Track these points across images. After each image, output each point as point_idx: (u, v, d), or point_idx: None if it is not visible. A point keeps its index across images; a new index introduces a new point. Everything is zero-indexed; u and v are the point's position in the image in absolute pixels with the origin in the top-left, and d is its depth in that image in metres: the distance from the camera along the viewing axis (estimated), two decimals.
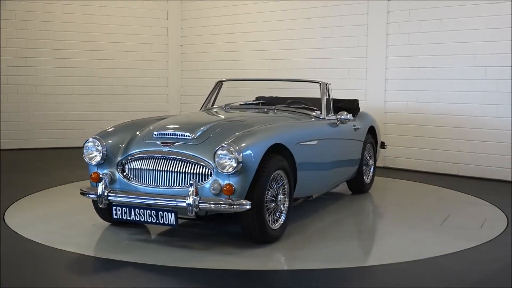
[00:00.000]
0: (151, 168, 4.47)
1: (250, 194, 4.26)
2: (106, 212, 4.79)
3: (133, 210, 4.33)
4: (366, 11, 8.59)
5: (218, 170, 4.21)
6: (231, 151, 4.16)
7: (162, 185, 4.42)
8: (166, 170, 4.41)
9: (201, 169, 4.33)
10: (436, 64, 8.02)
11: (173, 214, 4.21)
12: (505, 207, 5.96)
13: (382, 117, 8.34)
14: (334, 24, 8.94)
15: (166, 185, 4.41)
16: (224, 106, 6.10)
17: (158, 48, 10.99)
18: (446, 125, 8.00)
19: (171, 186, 4.39)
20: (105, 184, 4.47)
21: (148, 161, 4.51)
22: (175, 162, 4.41)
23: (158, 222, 4.27)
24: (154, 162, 4.48)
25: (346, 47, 8.84)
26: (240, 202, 4.16)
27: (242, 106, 6.32)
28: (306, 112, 5.83)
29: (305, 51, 9.29)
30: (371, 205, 6.40)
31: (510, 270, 4.09)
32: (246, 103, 6.60)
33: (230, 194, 4.17)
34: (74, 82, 10.45)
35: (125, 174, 4.60)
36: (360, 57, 8.70)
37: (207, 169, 4.31)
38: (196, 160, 4.35)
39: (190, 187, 4.15)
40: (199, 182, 4.29)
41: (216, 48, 10.52)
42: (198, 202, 4.13)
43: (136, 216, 4.33)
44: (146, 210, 4.29)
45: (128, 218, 4.36)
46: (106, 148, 4.66)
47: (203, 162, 4.32)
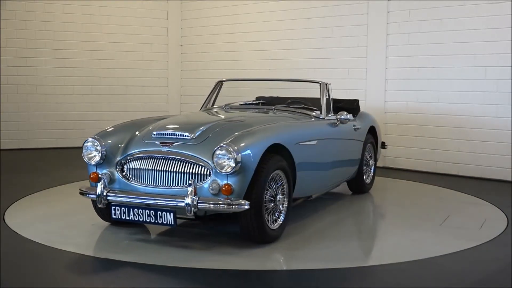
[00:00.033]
0: (150, 168, 4.46)
1: (249, 194, 4.26)
2: (106, 212, 4.79)
3: (132, 210, 4.33)
4: (366, 11, 8.58)
5: (217, 170, 4.21)
6: (230, 151, 4.16)
7: (161, 185, 4.42)
8: (165, 170, 4.41)
9: (200, 169, 4.33)
10: (436, 64, 8.02)
11: (171, 214, 4.21)
12: (505, 207, 5.95)
13: (382, 117, 8.33)
14: (334, 24, 8.94)
15: (165, 185, 4.40)
16: (224, 106, 6.09)
17: (158, 48, 10.99)
18: (446, 125, 8.00)
19: (170, 186, 4.38)
20: (104, 184, 4.46)
21: (147, 161, 4.51)
22: (174, 162, 4.41)
23: (156, 222, 4.27)
24: (153, 162, 4.47)
25: (346, 47, 8.84)
26: (238, 202, 4.16)
27: (242, 106, 6.32)
28: (306, 112, 5.83)
29: (305, 51, 9.29)
30: (371, 205, 6.39)
31: (510, 270, 4.09)
32: (246, 103, 6.60)
33: (228, 194, 4.17)
34: (74, 82, 10.45)
35: (124, 174, 4.60)
36: (360, 57, 8.70)
37: (206, 169, 4.30)
38: (195, 160, 4.35)
39: (188, 187, 4.15)
40: (198, 182, 4.29)
41: (216, 48, 10.52)
42: (197, 202, 4.12)
43: (135, 216, 4.33)
44: (145, 210, 4.29)
45: (127, 218, 4.36)
46: (105, 148, 4.66)
47: (202, 162, 4.32)
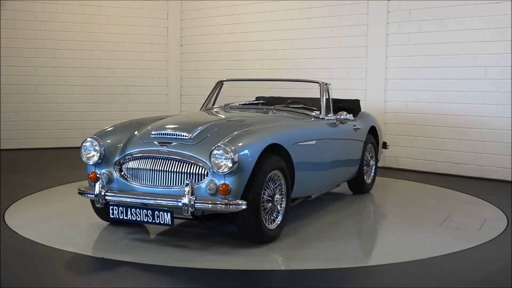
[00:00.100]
0: (148, 168, 4.46)
1: (246, 194, 4.25)
2: (104, 211, 4.79)
3: (129, 209, 4.34)
4: (366, 11, 8.58)
5: (214, 170, 4.20)
6: (227, 151, 4.16)
7: (159, 185, 4.42)
8: (163, 170, 4.41)
9: (197, 169, 4.32)
10: (436, 64, 8.02)
11: (169, 214, 4.21)
12: (505, 207, 5.95)
13: (382, 117, 8.33)
14: (334, 24, 8.94)
15: (163, 185, 4.40)
16: (224, 106, 6.09)
17: (158, 48, 10.98)
18: (446, 125, 8.00)
19: (168, 186, 4.38)
20: (102, 183, 4.47)
21: (145, 160, 4.50)
22: (172, 162, 4.41)
23: (154, 221, 4.28)
24: (151, 162, 4.47)
25: (346, 47, 8.84)
26: (236, 202, 4.16)
27: (242, 106, 6.32)
28: (305, 112, 5.82)
29: (305, 51, 9.29)
30: (371, 205, 6.39)
31: (510, 270, 4.08)
32: (246, 103, 6.59)
33: (226, 194, 4.17)
34: (74, 82, 10.45)
35: (122, 173, 4.59)
36: (360, 57, 8.70)
37: (204, 169, 4.30)
38: (192, 160, 4.35)
39: (186, 187, 4.15)
40: (196, 182, 4.29)
41: (216, 48, 10.52)
42: (194, 202, 4.12)
43: (132, 215, 4.33)
44: (142, 210, 4.30)
45: (124, 217, 4.37)
46: (104, 147, 4.66)
47: (200, 162, 4.32)
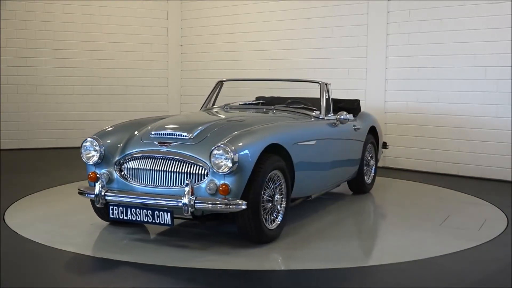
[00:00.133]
0: (148, 168, 4.46)
1: (246, 194, 4.25)
2: (104, 211, 4.78)
3: (129, 209, 4.34)
4: (366, 11, 8.58)
5: (214, 170, 4.20)
6: (227, 151, 4.16)
7: (159, 185, 4.42)
8: (163, 170, 4.41)
9: (197, 169, 4.32)
10: (436, 64, 8.02)
11: (169, 214, 4.21)
12: (505, 207, 5.95)
13: (382, 117, 8.33)
14: (334, 24, 8.94)
15: (163, 185, 4.40)
16: (224, 106, 6.09)
17: (158, 48, 10.98)
18: (446, 125, 8.00)
19: (168, 186, 4.38)
20: (102, 183, 4.47)
21: (145, 160, 4.50)
22: (172, 162, 4.41)
23: (154, 221, 4.28)
24: (151, 162, 4.47)
25: (346, 47, 8.84)
26: (235, 202, 4.15)
27: (242, 106, 6.32)
28: (305, 112, 5.82)
29: (305, 51, 9.29)
30: (371, 205, 6.39)
31: (510, 270, 4.08)
32: (246, 103, 6.59)
33: (225, 194, 4.17)
34: (74, 82, 10.44)
35: (122, 173, 4.59)
36: (360, 57, 8.69)
37: (204, 169, 4.30)
38: (192, 160, 4.35)
39: (186, 187, 4.15)
40: (196, 182, 4.29)
41: (216, 48, 10.52)
42: (194, 202, 4.12)
43: (132, 215, 4.33)
44: (142, 210, 4.30)
45: (124, 217, 4.37)
46: (104, 147, 4.66)
47: (200, 162, 4.32)
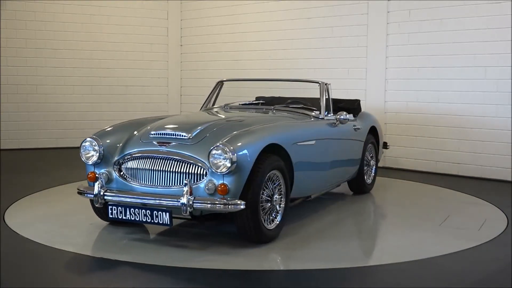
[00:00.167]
0: (147, 167, 4.47)
1: (245, 194, 4.25)
2: (104, 211, 4.78)
3: (128, 209, 4.34)
4: (366, 11, 8.58)
5: (213, 170, 4.20)
6: (226, 151, 4.16)
7: (158, 184, 4.42)
8: (162, 170, 4.41)
9: (196, 169, 4.33)
10: (436, 64, 8.02)
11: (167, 213, 4.22)
12: (505, 207, 5.95)
13: (382, 117, 8.33)
14: (334, 24, 8.94)
15: (162, 184, 4.40)
16: (224, 106, 6.09)
17: (158, 48, 10.98)
18: (446, 125, 8.00)
19: (167, 186, 4.38)
20: (101, 183, 4.47)
21: (144, 160, 4.51)
22: (171, 162, 4.41)
23: (153, 221, 4.28)
24: (150, 161, 4.47)
25: (346, 47, 8.84)
26: (234, 202, 4.15)
27: (241, 106, 6.32)
28: (305, 112, 5.82)
29: (305, 51, 9.29)
30: (371, 205, 6.39)
31: (510, 270, 4.08)
32: (246, 103, 6.59)
33: (224, 194, 4.17)
34: (74, 82, 10.44)
35: (122, 173, 4.60)
36: (360, 57, 8.69)
37: (202, 169, 4.30)
38: (191, 160, 4.35)
39: (184, 187, 4.15)
40: (195, 182, 4.29)
41: (216, 48, 10.52)
42: (192, 202, 4.12)
43: (131, 215, 4.34)
44: (141, 210, 4.30)
45: (123, 217, 4.37)
46: (103, 147, 4.66)
47: (198, 162, 4.32)
